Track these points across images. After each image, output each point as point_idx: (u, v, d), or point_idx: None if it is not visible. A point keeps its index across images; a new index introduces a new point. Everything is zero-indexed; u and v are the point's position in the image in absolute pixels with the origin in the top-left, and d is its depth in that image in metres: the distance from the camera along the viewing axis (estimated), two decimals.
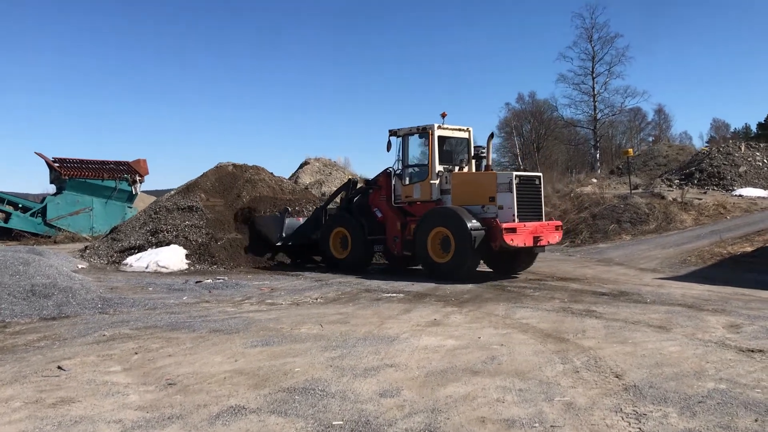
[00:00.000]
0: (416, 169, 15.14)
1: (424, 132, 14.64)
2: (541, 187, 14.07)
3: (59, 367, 6.24)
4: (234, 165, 19.98)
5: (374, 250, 15.54)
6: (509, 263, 14.54)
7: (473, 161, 15.12)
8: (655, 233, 21.94)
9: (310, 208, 18.64)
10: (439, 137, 14.57)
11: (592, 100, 52.54)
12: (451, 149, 15.17)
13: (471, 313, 9.41)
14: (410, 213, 14.94)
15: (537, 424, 4.63)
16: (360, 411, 4.93)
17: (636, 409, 4.95)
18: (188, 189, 18.97)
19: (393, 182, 15.28)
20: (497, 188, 13.36)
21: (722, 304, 10.12)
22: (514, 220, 13.10)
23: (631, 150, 32.94)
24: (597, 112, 52.73)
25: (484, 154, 14.86)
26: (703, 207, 23.65)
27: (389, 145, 15.05)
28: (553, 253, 20.93)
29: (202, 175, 19.53)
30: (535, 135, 65.11)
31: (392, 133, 15.19)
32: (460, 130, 15.22)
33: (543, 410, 4.93)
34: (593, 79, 52.15)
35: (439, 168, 14.49)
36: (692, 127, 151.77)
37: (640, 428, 4.55)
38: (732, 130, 73.49)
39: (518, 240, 13.06)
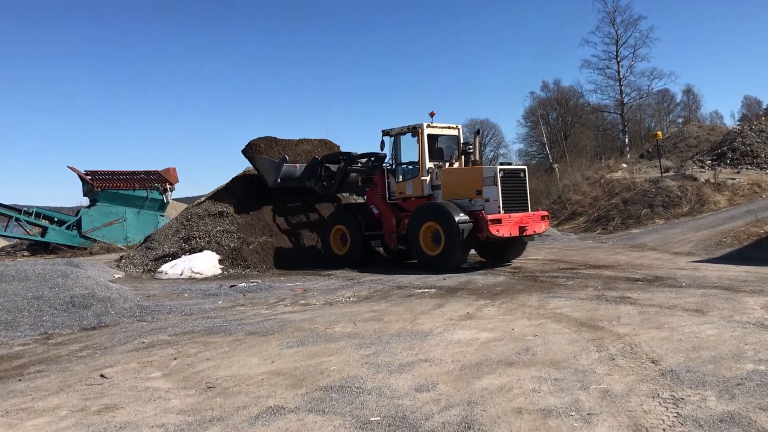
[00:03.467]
0: (409, 166, 15.73)
1: (415, 131, 15.25)
2: (526, 180, 14.69)
3: (102, 375, 6.39)
4: None
5: (372, 246, 16.24)
6: (501, 252, 15.35)
7: (462, 157, 15.70)
8: (688, 216, 21.65)
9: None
10: (429, 135, 15.25)
11: (618, 84, 51.90)
12: (441, 146, 15.74)
13: (504, 305, 9.40)
14: (404, 209, 15.69)
15: (574, 413, 4.63)
16: (397, 406, 4.98)
17: (674, 394, 4.91)
18: (218, 194, 19.19)
19: (387, 180, 15.98)
20: (483, 182, 14.05)
21: (760, 285, 9.97)
22: (499, 212, 13.68)
23: (660, 133, 32.37)
24: (624, 96, 52.08)
25: (472, 150, 15.54)
26: (737, 187, 23.25)
27: (383, 145, 15.79)
28: (585, 241, 20.78)
29: (231, 180, 19.73)
30: (561, 122, 64.38)
31: (385, 133, 15.95)
32: (449, 127, 15.87)
33: (579, 399, 4.93)
34: (618, 63, 51.49)
35: (429, 165, 15.19)
36: (723, 105, 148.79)
37: (678, 413, 4.52)
38: (765, 106, 71.83)
39: (503, 230, 13.71)
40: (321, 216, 18.78)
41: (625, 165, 32.78)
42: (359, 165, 17.47)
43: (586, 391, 5.09)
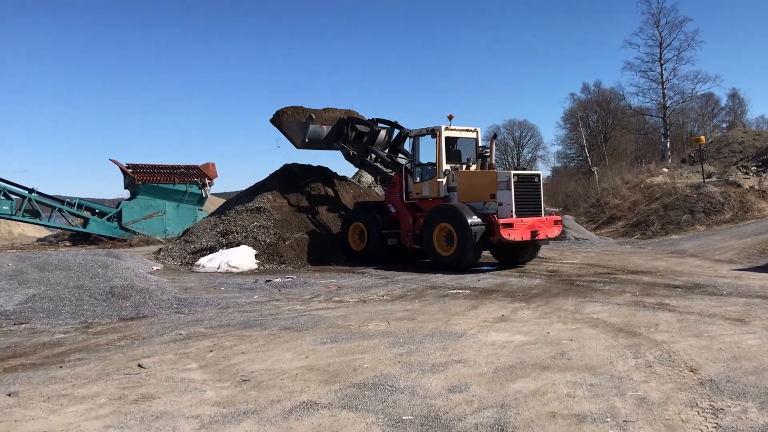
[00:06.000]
0: (427, 167, 15.98)
1: (433, 133, 15.55)
2: (540, 185, 14.95)
3: (139, 365, 6.50)
4: (299, 166, 20.27)
5: (388, 244, 16.47)
6: (514, 255, 15.48)
7: (479, 160, 15.93)
8: (730, 223, 21.18)
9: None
10: (447, 138, 15.55)
11: (660, 87, 50.78)
12: (459, 149, 15.98)
13: (539, 309, 9.31)
14: (421, 209, 16.00)
15: (609, 419, 4.57)
16: (429, 406, 4.97)
17: (713, 404, 4.81)
18: (256, 191, 19.37)
19: (405, 180, 16.30)
20: (497, 186, 14.26)
21: None
22: (512, 216, 13.90)
23: (703, 137, 31.71)
24: (666, 99, 50.97)
25: (488, 154, 15.70)
26: None
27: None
28: (623, 246, 20.48)
29: (268, 177, 19.90)
30: (602, 125, 63.43)
31: (405, 133, 16.55)
32: (467, 130, 16.13)
33: (615, 405, 4.85)
34: (661, 65, 50.41)
35: (446, 167, 15.46)
36: None
37: (717, 423, 4.42)
38: None
39: (515, 234, 13.98)
40: None
41: (666, 170, 32.18)
42: (380, 147, 17.99)
43: (622, 398, 5.02)
